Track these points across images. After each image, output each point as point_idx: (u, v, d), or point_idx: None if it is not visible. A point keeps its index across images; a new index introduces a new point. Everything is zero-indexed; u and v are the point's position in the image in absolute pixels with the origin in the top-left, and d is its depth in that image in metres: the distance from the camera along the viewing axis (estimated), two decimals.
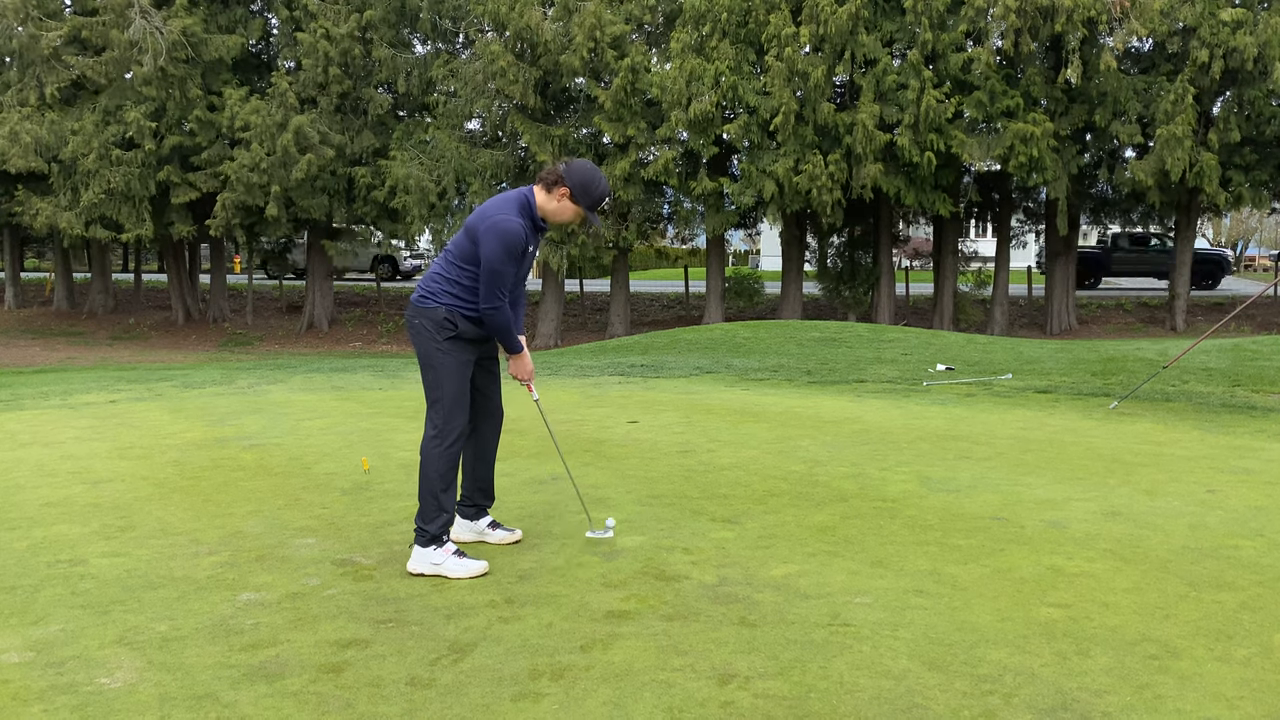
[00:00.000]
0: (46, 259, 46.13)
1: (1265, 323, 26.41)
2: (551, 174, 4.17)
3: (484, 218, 4.06)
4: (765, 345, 15.65)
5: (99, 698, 3.00)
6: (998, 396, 9.42)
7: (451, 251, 4.18)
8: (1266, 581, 3.90)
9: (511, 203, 4.13)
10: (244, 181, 23.72)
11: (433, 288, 4.17)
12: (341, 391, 10.38)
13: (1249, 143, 22.56)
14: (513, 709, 2.91)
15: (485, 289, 4.04)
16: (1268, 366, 11.31)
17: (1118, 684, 3.01)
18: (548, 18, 23.19)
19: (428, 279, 4.22)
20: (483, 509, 4.57)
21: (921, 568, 4.10)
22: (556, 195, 4.15)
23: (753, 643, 3.34)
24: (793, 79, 21.69)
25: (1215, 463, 6.15)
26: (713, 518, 4.93)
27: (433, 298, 4.15)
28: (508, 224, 4.02)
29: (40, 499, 5.51)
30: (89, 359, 22.24)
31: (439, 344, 4.12)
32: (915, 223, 32.78)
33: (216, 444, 7.17)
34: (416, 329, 4.17)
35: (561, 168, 4.17)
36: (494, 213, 4.06)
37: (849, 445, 6.82)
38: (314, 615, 3.66)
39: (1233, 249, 61.61)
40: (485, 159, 24.26)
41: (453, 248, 4.19)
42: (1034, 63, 22.35)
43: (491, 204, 4.15)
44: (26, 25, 23.56)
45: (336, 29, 23.99)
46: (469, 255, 4.10)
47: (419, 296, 4.19)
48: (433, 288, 4.17)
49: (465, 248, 4.12)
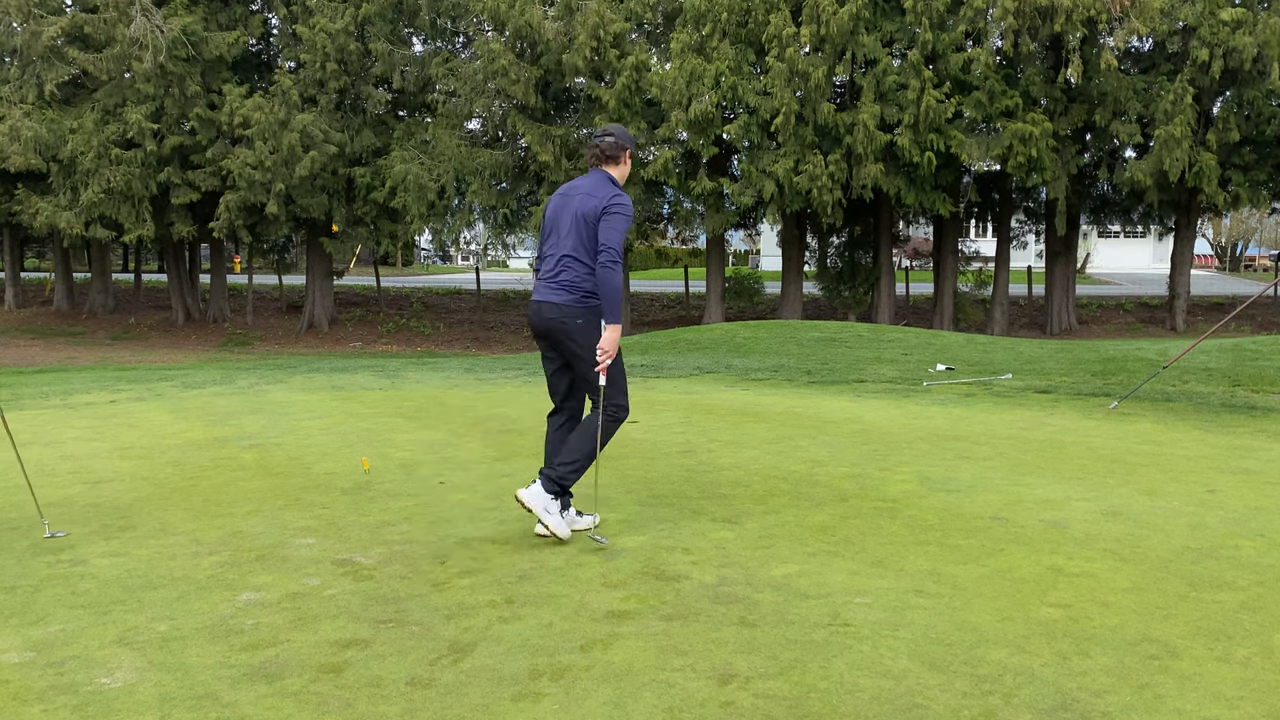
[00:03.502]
0: (46, 259, 46.11)
1: (1265, 323, 26.41)
2: (611, 148, 4.52)
3: (605, 199, 4.38)
4: (765, 345, 15.65)
5: (99, 698, 3.00)
6: (998, 396, 9.42)
7: (580, 249, 4.41)
8: (1266, 581, 3.90)
9: (609, 184, 4.48)
10: (246, 179, 23.72)
11: (586, 286, 4.41)
12: (341, 391, 10.38)
13: (1248, 143, 22.56)
14: (513, 709, 2.90)
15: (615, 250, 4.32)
16: (1268, 366, 11.30)
17: (1118, 684, 3.01)
18: (548, 16, 23.18)
19: (576, 279, 4.42)
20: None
21: (921, 568, 4.10)
22: (625, 160, 4.56)
23: (753, 643, 3.34)
24: (793, 79, 21.69)
25: (1215, 463, 6.15)
26: (713, 518, 4.93)
27: (593, 295, 4.41)
28: (628, 199, 4.46)
29: (40, 499, 5.51)
30: (89, 359, 22.24)
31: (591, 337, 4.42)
32: (915, 223, 32.80)
33: (216, 444, 7.17)
34: (582, 327, 4.41)
35: (609, 140, 4.52)
36: (605, 194, 4.40)
37: (849, 445, 6.82)
38: (314, 615, 3.66)
39: (1232, 249, 61.62)
40: (485, 158, 24.26)
41: (579, 244, 4.41)
42: (1033, 63, 22.36)
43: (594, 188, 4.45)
44: (28, 23, 23.56)
45: (333, 25, 24.00)
46: (594, 245, 4.39)
47: (581, 296, 4.41)
48: (586, 286, 4.41)
49: (590, 238, 4.39)
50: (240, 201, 24.32)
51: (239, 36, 24.65)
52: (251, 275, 30.67)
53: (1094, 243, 59.78)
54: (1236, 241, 62.11)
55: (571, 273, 4.41)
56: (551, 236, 4.57)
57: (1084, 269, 50.51)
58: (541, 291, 4.49)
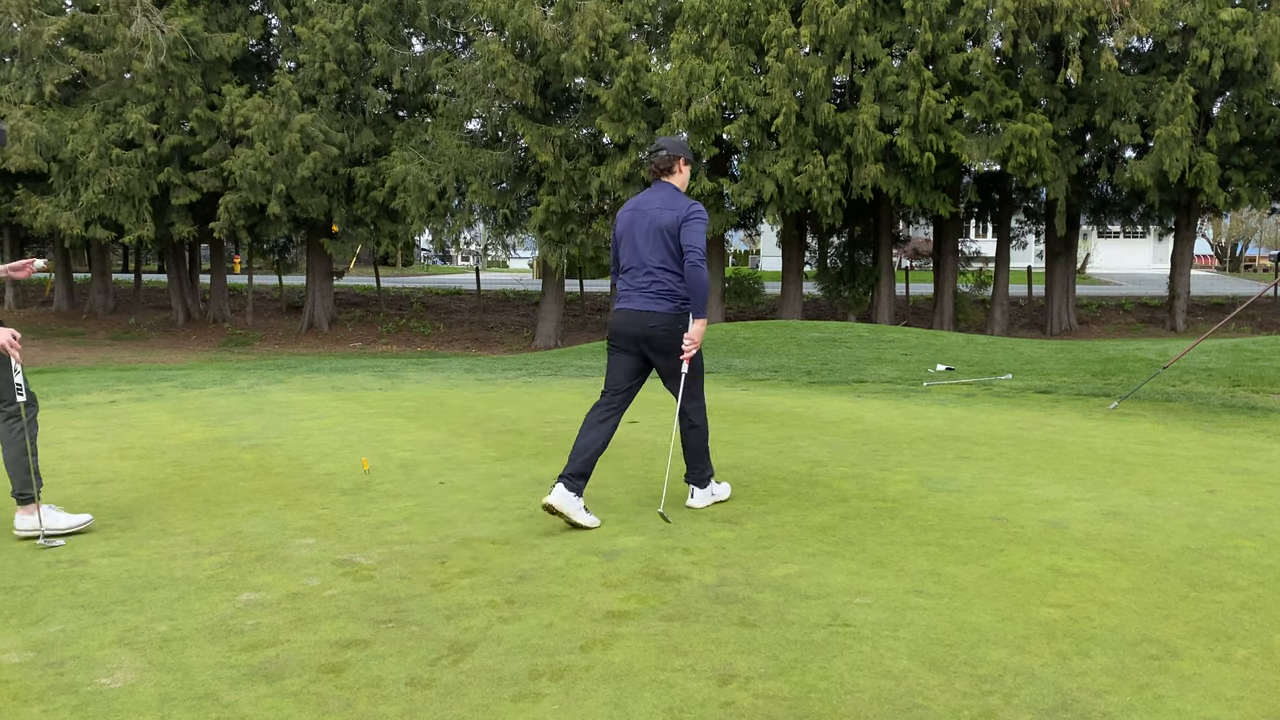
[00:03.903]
0: (47, 259, 46.05)
1: (1265, 323, 26.42)
2: (665, 161, 4.94)
3: (684, 209, 4.81)
4: (765, 345, 15.65)
5: (99, 698, 3.00)
6: (998, 397, 9.42)
7: (669, 259, 4.84)
8: (1266, 581, 3.90)
9: (679, 195, 4.91)
10: (247, 179, 23.72)
11: (681, 293, 4.86)
12: (341, 391, 10.38)
13: (1248, 143, 22.56)
14: (513, 709, 2.90)
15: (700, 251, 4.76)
16: (1268, 366, 11.31)
17: (1118, 684, 3.01)
18: (547, 17, 23.19)
19: (671, 288, 4.84)
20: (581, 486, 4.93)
21: (921, 568, 4.10)
22: (681, 169, 4.98)
23: (753, 643, 3.34)
24: (793, 79, 21.69)
25: (1215, 463, 6.15)
26: (713, 518, 4.93)
27: (688, 304, 4.87)
28: (702, 206, 4.87)
29: (41, 499, 5.51)
30: (89, 359, 22.24)
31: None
32: (915, 223, 32.79)
33: (216, 444, 7.17)
34: (679, 333, 4.86)
35: (663, 154, 4.94)
36: (682, 205, 4.84)
37: (849, 445, 6.82)
38: (314, 615, 3.66)
39: (1232, 249, 61.62)
40: (485, 159, 24.26)
41: (664, 256, 4.84)
42: (1033, 63, 22.36)
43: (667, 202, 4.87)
44: (28, 23, 23.56)
45: (333, 25, 24.00)
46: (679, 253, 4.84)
47: (678, 304, 4.85)
48: (681, 293, 4.86)
49: (675, 249, 4.83)
50: (240, 202, 24.31)
51: (239, 37, 24.65)
52: (251, 275, 30.68)
53: (1094, 243, 59.80)
54: (1236, 241, 62.11)
55: (665, 284, 4.84)
56: (629, 249, 4.95)
57: (1084, 269, 50.52)
58: (638, 300, 4.88)
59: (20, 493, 4.66)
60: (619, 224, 5.03)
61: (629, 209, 5.00)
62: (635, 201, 5.01)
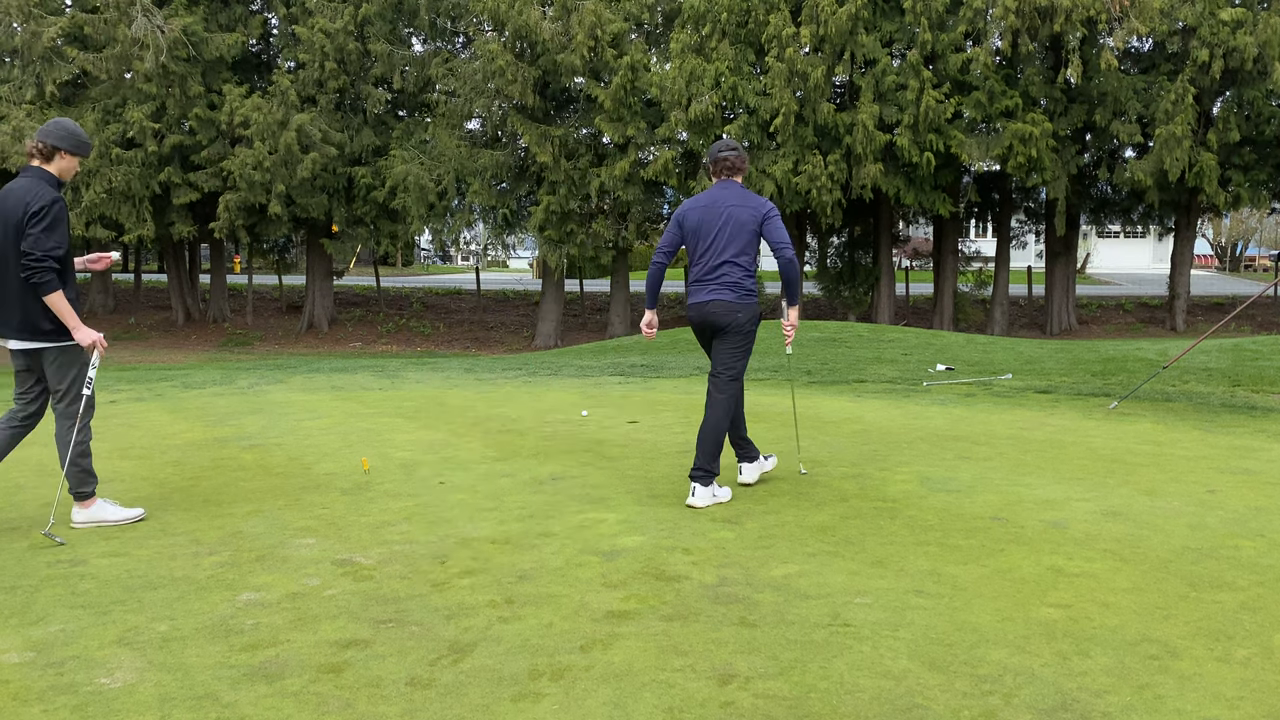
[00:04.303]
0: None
1: (1265, 323, 26.42)
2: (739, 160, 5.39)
3: (760, 206, 5.26)
4: (765, 345, 15.65)
5: (99, 698, 3.00)
6: (998, 396, 9.42)
7: (741, 254, 5.24)
8: (1266, 582, 3.90)
9: (750, 192, 5.35)
10: (246, 179, 23.72)
11: (749, 285, 5.29)
12: (341, 391, 10.38)
13: (1248, 143, 22.56)
14: (513, 709, 2.90)
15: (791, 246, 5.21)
16: (1268, 366, 11.31)
17: (1118, 684, 3.01)
18: (547, 16, 23.19)
19: (738, 279, 5.26)
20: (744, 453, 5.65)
21: (921, 568, 4.10)
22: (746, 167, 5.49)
23: (753, 643, 3.34)
24: (792, 79, 21.69)
25: (1215, 463, 6.15)
26: (713, 518, 4.93)
27: (751, 295, 5.30)
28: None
29: (41, 499, 5.52)
30: None
31: (754, 327, 5.31)
32: (915, 223, 32.79)
33: (216, 444, 7.17)
34: (741, 319, 5.26)
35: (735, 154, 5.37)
36: (757, 203, 5.28)
37: (849, 445, 6.82)
38: (314, 615, 3.66)
39: (1232, 249, 61.61)
40: (485, 159, 24.26)
41: (744, 250, 5.26)
42: (1033, 63, 22.36)
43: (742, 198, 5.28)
44: (28, 23, 23.56)
45: (332, 25, 24.00)
46: (753, 249, 5.28)
47: (744, 294, 5.26)
48: (749, 285, 5.29)
49: (750, 243, 5.26)
50: (240, 202, 24.31)
51: (239, 37, 24.65)
52: (251, 275, 30.68)
53: (1094, 243, 59.79)
54: (1236, 241, 62.09)
55: (733, 276, 5.25)
56: (701, 244, 5.30)
57: (1084, 269, 50.51)
58: (705, 291, 5.29)
59: (77, 490, 4.87)
60: (689, 219, 5.32)
61: (699, 205, 5.32)
62: (704, 199, 5.33)
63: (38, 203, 4.55)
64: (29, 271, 4.52)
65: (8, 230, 4.63)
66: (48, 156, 4.72)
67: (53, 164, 4.74)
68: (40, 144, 4.70)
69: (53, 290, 4.56)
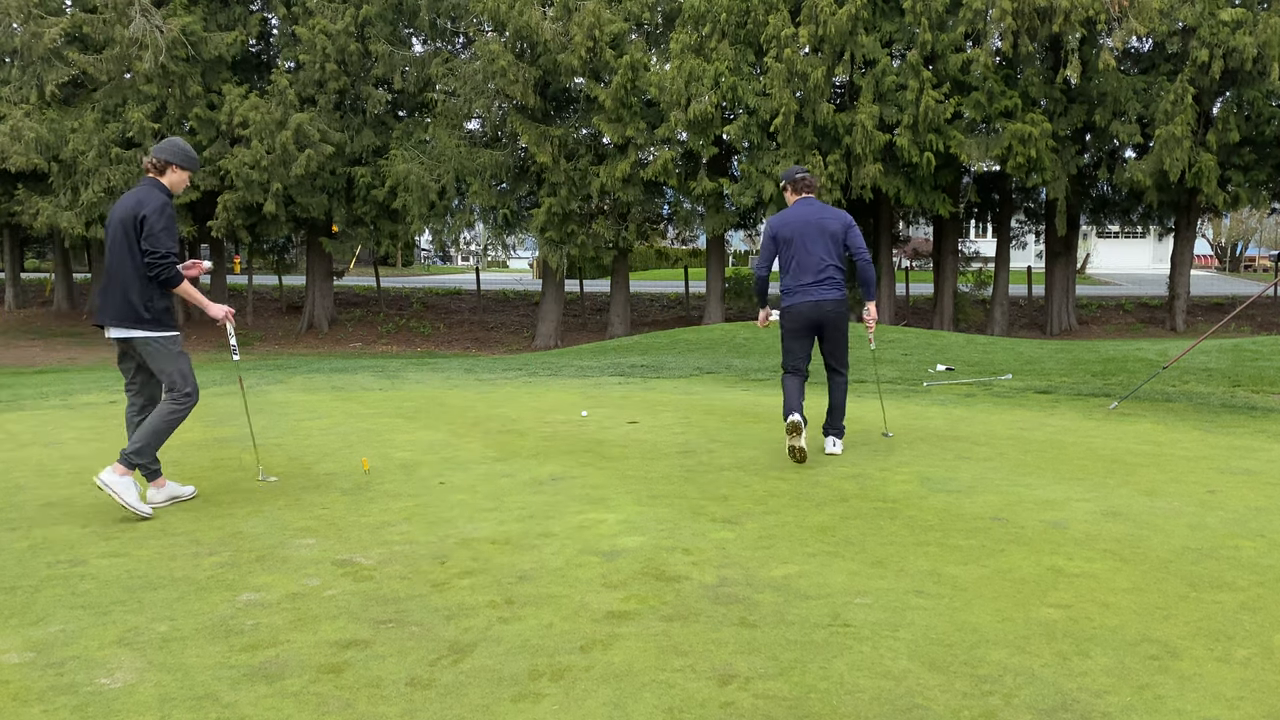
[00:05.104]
0: (47, 259, 46.09)
1: (1265, 323, 26.42)
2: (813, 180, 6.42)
3: (844, 218, 6.26)
4: (765, 345, 15.66)
5: (99, 698, 3.00)
6: (998, 397, 9.42)
7: (837, 259, 6.23)
8: (1266, 582, 3.90)
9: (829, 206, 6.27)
10: (244, 179, 23.72)
11: (841, 285, 6.23)
12: (341, 392, 10.38)
13: (1248, 143, 22.56)
14: (513, 709, 2.90)
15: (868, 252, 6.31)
16: (1268, 366, 11.31)
17: (1118, 684, 3.01)
18: (547, 17, 23.19)
19: (842, 280, 6.24)
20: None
21: (921, 568, 4.10)
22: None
23: (753, 643, 3.34)
24: (792, 79, 21.69)
25: (1215, 463, 6.16)
26: (713, 518, 4.93)
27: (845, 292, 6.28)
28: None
29: (41, 499, 5.52)
30: (89, 359, 22.24)
31: (848, 322, 6.32)
32: (915, 223, 32.79)
33: (216, 444, 7.17)
34: (843, 315, 6.29)
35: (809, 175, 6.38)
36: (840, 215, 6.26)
37: (849, 445, 6.83)
38: (314, 615, 3.66)
39: (1232, 249, 61.61)
40: (485, 159, 24.26)
41: (834, 255, 6.22)
42: (1033, 63, 22.36)
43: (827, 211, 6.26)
44: (29, 24, 23.56)
45: (333, 26, 23.99)
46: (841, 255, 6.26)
47: (843, 294, 6.26)
48: (841, 285, 6.23)
49: (839, 250, 6.24)
50: (238, 201, 24.30)
51: (238, 36, 24.65)
52: (251, 275, 30.68)
53: (1094, 243, 59.80)
54: (1236, 242, 62.10)
55: (835, 278, 6.22)
56: (801, 252, 6.19)
57: (1084, 269, 50.52)
58: (815, 292, 6.17)
59: (133, 450, 5.07)
60: (786, 231, 6.24)
61: (792, 220, 6.24)
62: (793, 214, 6.26)
63: (153, 206, 5.02)
64: (157, 269, 5.00)
65: (121, 229, 5.06)
66: (160, 170, 5.20)
67: (165, 176, 5.22)
68: (155, 159, 5.19)
69: (180, 282, 5.10)
